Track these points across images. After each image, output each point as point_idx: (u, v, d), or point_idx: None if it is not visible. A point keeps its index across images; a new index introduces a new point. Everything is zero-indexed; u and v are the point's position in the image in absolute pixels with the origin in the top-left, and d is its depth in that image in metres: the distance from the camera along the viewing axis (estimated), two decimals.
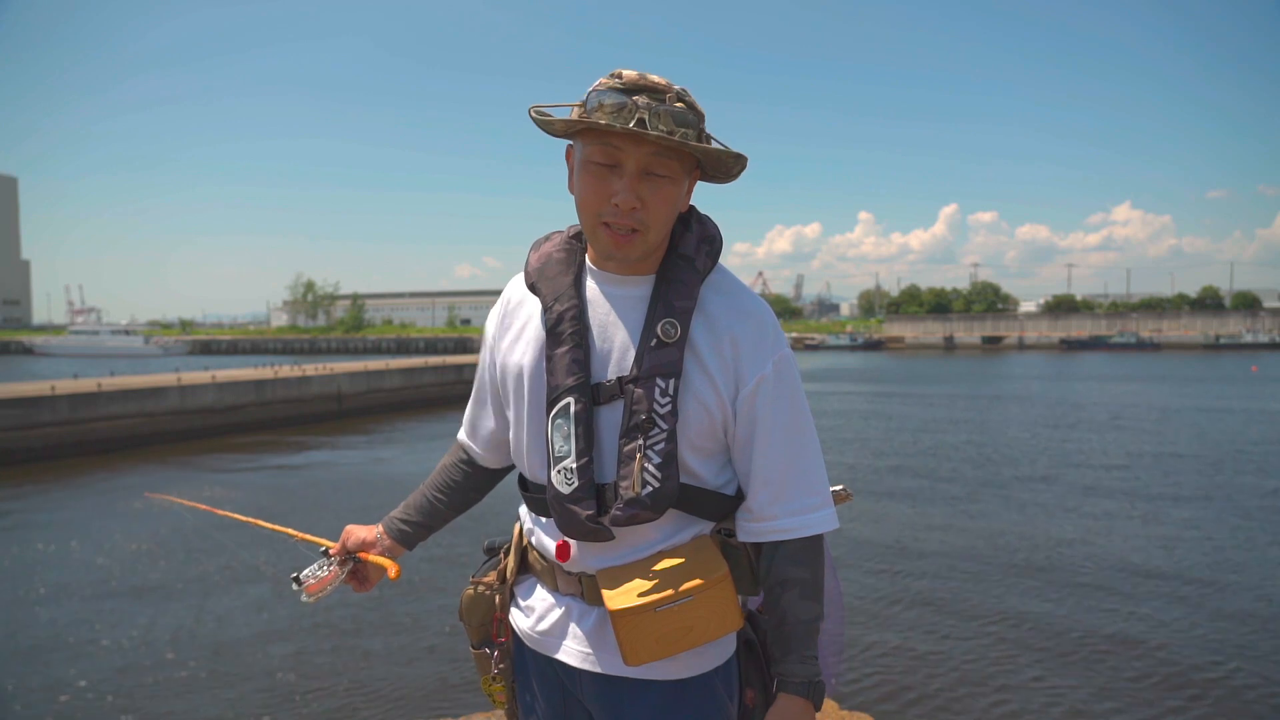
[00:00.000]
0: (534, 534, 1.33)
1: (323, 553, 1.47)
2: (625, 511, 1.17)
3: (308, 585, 1.42)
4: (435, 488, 1.50)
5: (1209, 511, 9.62)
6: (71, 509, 10.88)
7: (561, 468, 1.20)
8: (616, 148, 1.15)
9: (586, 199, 1.18)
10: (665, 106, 1.13)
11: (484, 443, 1.46)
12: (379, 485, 11.93)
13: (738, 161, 1.21)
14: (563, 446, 1.20)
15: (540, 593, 1.33)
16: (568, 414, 1.19)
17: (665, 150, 1.15)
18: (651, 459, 1.16)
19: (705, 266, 1.24)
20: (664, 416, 1.17)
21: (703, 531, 1.26)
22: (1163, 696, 4.87)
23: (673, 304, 1.20)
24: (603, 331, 1.23)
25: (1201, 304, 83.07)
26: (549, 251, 1.31)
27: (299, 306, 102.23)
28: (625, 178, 1.15)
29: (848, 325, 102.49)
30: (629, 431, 1.17)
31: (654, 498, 1.17)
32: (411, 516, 1.49)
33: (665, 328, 1.19)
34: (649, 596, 1.16)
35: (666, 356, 1.18)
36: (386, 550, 1.47)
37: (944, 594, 6.75)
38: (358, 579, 1.48)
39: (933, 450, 14.68)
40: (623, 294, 1.24)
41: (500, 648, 1.40)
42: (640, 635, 1.16)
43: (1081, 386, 29.89)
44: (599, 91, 1.15)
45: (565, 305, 1.23)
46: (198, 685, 5.19)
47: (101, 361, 43.02)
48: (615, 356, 1.22)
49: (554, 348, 1.22)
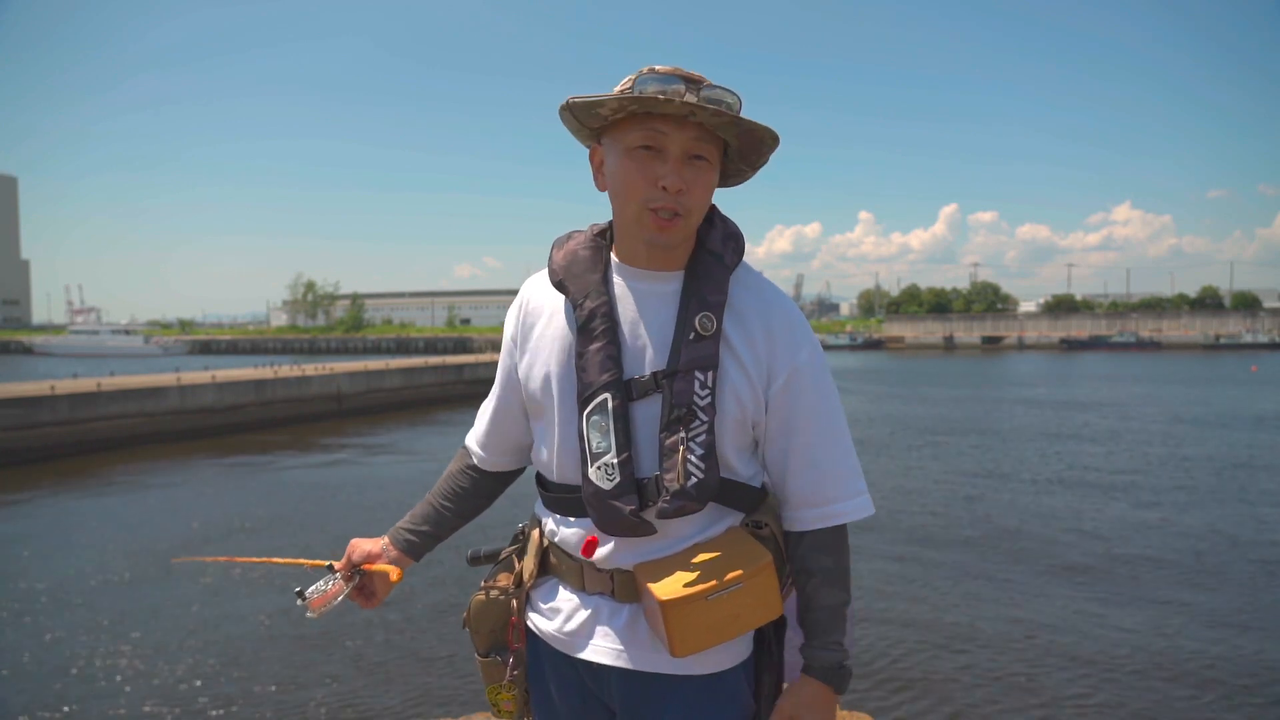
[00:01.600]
0: (557, 534, 1.32)
1: (328, 568, 1.44)
2: (673, 504, 1.17)
3: (312, 600, 1.40)
4: (442, 496, 1.48)
5: (1223, 510, 9.62)
6: (72, 508, 10.87)
7: (601, 464, 1.19)
8: (661, 132, 1.16)
9: (631, 184, 1.19)
10: (712, 90, 1.16)
11: (496, 446, 1.44)
12: (380, 485, 11.92)
13: (774, 143, 1.22)
14: (601, 443, 1.19)
15: (564, 594, 1.32)
16: (605, 410, 1.19)
17: (706, 135, 1.18)
18: (694, 450, 1.17)
19: (733, 262, 1.26)
20: (704, 409, 1.18)
21: (733, 524, 1.27)
22: (1168, 687, 4.87)
23: (706, 298, 1.21)
24: (634, 327, 1.23)
25: (1201, 304, 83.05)
26: (574, 249, 1.30)
27: (299, 306, 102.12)
28: (670, 161, 1.17)
29: (848, 325, 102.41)
30: (670, 425, 1.18)
31: (699, 489, 1.17)
32: (418, 526, 1.46)
33: (703, 321, 1.19)
34: (699, 585, 1.17)
35: (705, 350, 1.19)
36: (393, 561, 1.44)
37: (944, 593, 6.75)
38: (364, 595, 1.44)
39: (934, 450, 14.68)
40: (652, 289, 1.25)
41: (515, 654, 1.38)
42: (691, 624, 1.16)
43: (1083, 387, 29.90)
44: (642, 78, 1.17)
45: (596, 302, 1.23)
46: (192, 690, 5.19)
47: (101, 361, 43.02)
48: (649, 352, 1.22)
49: (585, 345, 1.22)
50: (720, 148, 1.22)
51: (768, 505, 1.29)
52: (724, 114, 1.14)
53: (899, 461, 13.45)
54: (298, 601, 1.40)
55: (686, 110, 1.13)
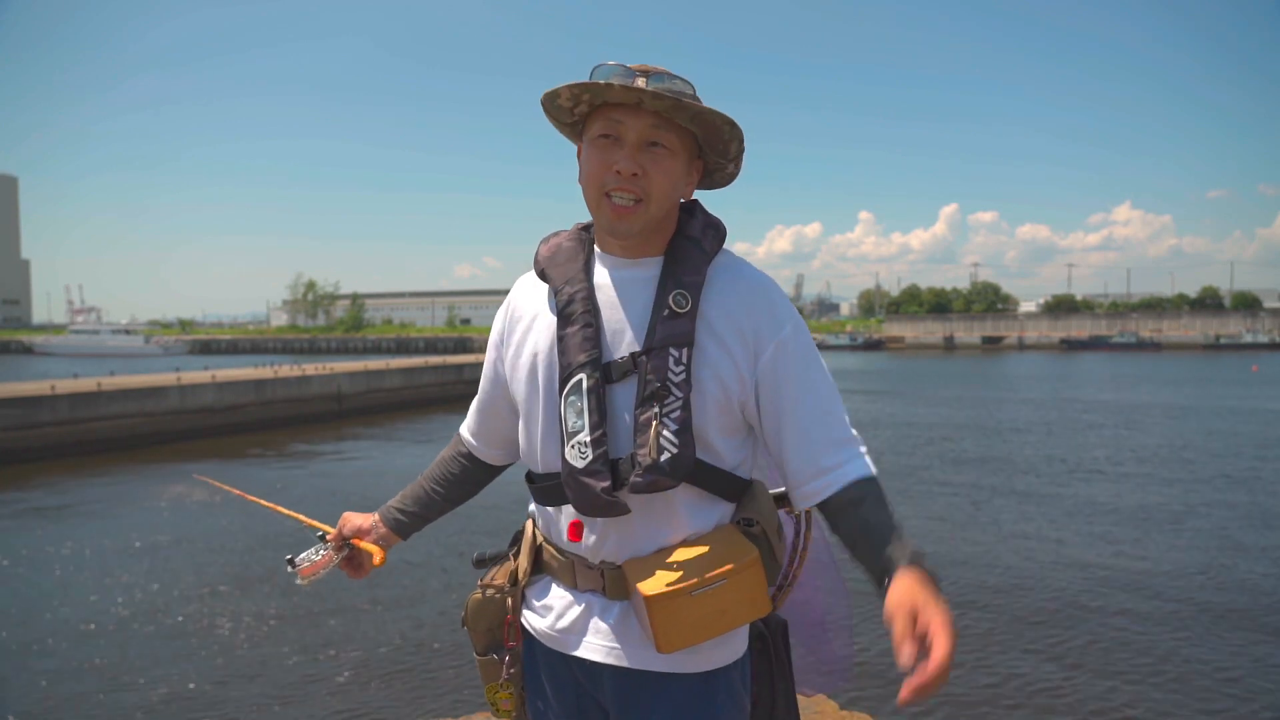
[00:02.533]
0: (548, 529, 1.33)
1: (319, 537, 1.48)
2: (645, 479, 1.16)
3: (302, 569, 1.44)
4: (433, 480, 1.51)
5: (1232, 516, 9.62)
6: (71, 508, 10.87)
7: (575, 442, 1.20)
8: (617, 120, 1.19)
9: (591, 171, 1.22)
10: (663, 81, 1.19)
11: (486, 439, 1.48)
12: (381, 485, 11.92)
13: (732, 130, 1.22)
14: (576, 422, 1.20)
15: (557, 591, 1.32)
16: (580, 390, 1.20)
17: (664, 123, 1.19)
18: (668, 425, 1.17)
19: (712, 248, 1.27)
20: (678, 385, 1.18)
21: (723, 521, 1.27)
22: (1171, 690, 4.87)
23: (682, 279, 1.23)
24: (613, 311, 1.25)
25: (1201, 304, 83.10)
26: (558, 241, 1.35)
27: (299, 306, 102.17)
28: (626, 147, 1.19)
29: (848, 325, 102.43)
30: (644, 401, 1.18)
31: (672, 464, 1.17)
32: (408, 507, 1.50)
33: (676, 298, 1.21)
34: (683, 581, 1.16)
35: (679, 327, 1.20)
36: (382, 538, 1.48)
37: (945, 592, 6.73)
38: (352, 565, 1.49)
39: (936, 450, 14.68)
40: (632, 276, 1.26)
41: (511, 652, 1.39)
42: (675, 620, 1.16)
43: (1085, 387, 29.89)
44: (603, 68, 1.20)
45: (575, 287, 1.26)
46: (189, 685, 5.19)
47: (101, 361, 43.01)
48: (627, 334, 1.23)
49: (565, 328, 1.24)
50: (683, 137, 1.23)
51: (758, 502, 1.28)
52: (666, 98, 1.15)
53: (903, 462, 13.45)
54: (288, 569, 1.44)
55: (634, 97, 1.16)
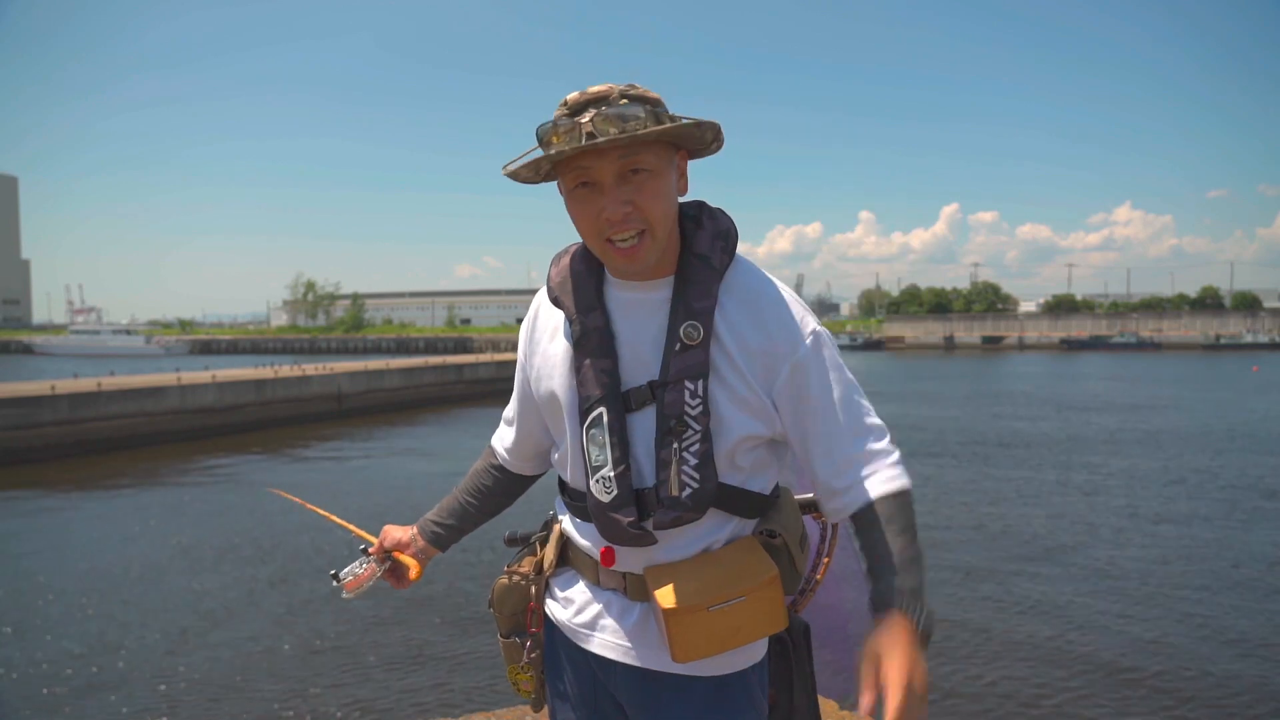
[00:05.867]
0: (573, 535, 1.35)
1: (362, 550, 1.53)
2: (668, 514, 1.18)
3: (346, 583, 1.49)
4: (467, 492, 1.53)
5: (1234, 515, 9.62)
6: (71, 508, 10.87)
7: (600, 477, 1.21)
8: (584, 168, 1.16)
9: (582, 225, 1.20)
10: (609, 109, 1.12)
11: (516, 451, 1.49)
12: (381, 485, 11.93)
13: (704, 129, 1.18)
14: (599, 456, 1.21)
15: (579, 586, 1.34)
16: (601, 424, 1.21)
17: (632, 149, 1.14)
18: (688, 461, 1.18)
19: (722, 263, 1.24)
20: (695, 418, 1.18)
21: (744, 531, 1.26)
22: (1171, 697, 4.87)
23: (691, 305, 1.20)
24: (628, 338, 1.24)
25: (1202, 304, 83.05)
26: (568, 265, 1.32)
27: (299, 306, 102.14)
28: (606, 191, 1.16)
29: (848, 325, 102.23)
30: (663, 437, 1.19)
31: (694, 499, 1.18)
32: (445, 519, 1.52)
33: (687, 330, 1.19)
34: (702, 596, 1.18)
35: (692, 359, 1.19)
36: (420, 551, 1.52)
37: (945, 592, 6.75)
38: (395, 576, 1.53)
39: (940, 449, 14.69)
40: (644, 299, 1.25)
41: (533, 638, 1.43)
42: (692, 633, 1.18)
43: (1087, 388, 29.89)
44: (543, 126, 1.17)
45: (589, 316, 1.25)
46: (192, 686, 5.20)
47: (102, 361, 43.01)
48: (643, 362, 1.23)
49: (581, 359, 1.24)
50: (659, 149, 1.18)
51: (782, 513, 1.28)
52: (621, 136, 1.10)
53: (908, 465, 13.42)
54: (333, 583, 1.49)
55: (580, 150, 1.12)
